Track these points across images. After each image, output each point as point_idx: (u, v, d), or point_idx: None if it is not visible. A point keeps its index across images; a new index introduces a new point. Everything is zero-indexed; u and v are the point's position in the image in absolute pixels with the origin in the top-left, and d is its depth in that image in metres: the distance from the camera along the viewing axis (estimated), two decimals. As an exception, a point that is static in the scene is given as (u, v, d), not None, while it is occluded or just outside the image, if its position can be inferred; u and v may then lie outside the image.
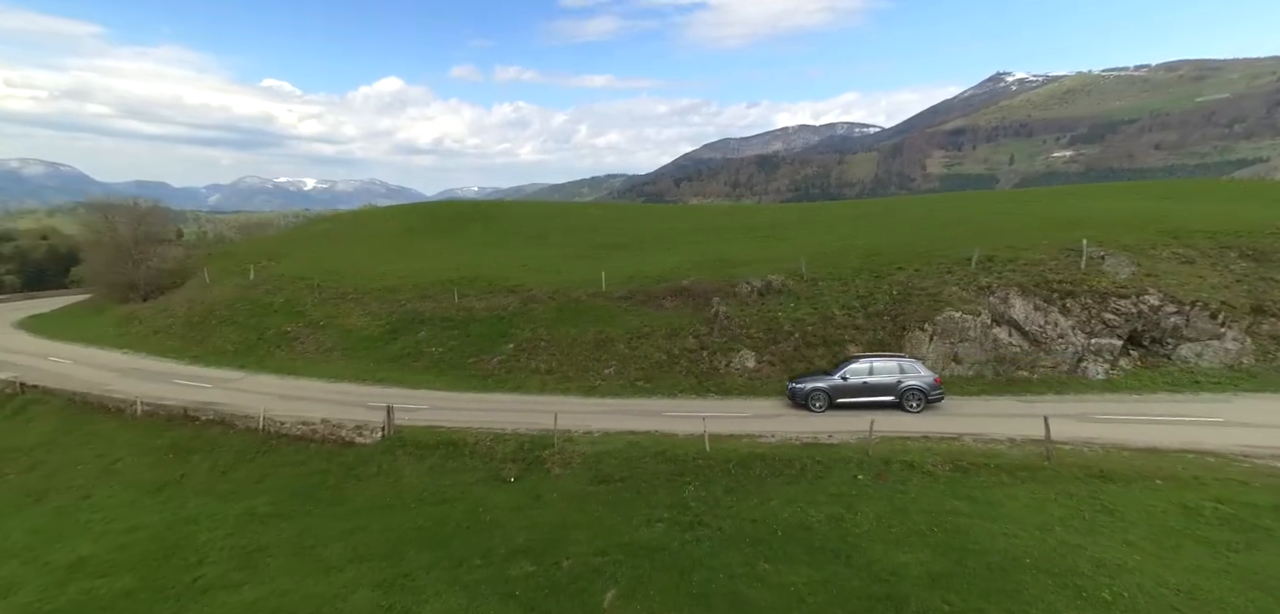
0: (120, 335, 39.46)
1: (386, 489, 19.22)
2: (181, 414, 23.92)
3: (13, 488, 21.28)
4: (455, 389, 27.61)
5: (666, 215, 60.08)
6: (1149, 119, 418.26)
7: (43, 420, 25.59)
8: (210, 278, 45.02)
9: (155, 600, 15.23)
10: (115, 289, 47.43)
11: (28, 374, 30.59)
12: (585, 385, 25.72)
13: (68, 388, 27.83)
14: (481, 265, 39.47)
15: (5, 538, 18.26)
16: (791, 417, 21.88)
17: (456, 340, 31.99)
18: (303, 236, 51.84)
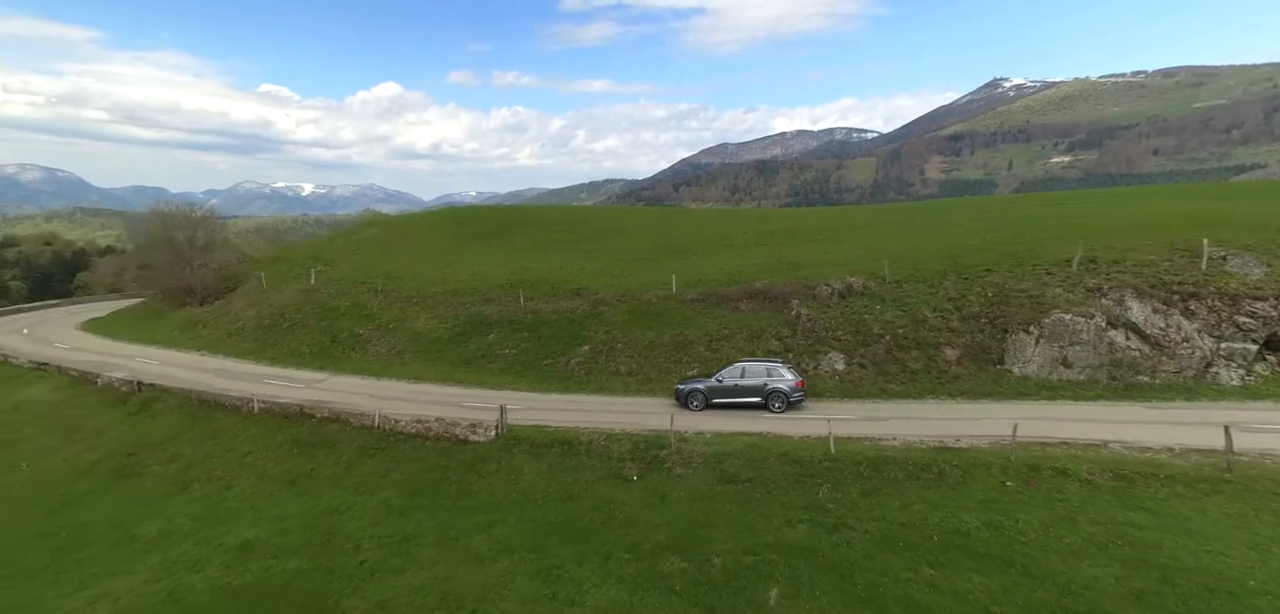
0: (190, 338, 40.63)
1: (510, 485, 20.39)
2: (298, 412, 25.19)
3: (158, 478, 22.79)
4: (537, 390, 28.82)
5: (715, 220, 61.18)
6: (1147, 125, 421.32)
7: (167, 416, 27.02)
8: (267, 282, 46.13)
9: (330, 580, 16.53)
10: (172, 294, 48.50)
11: (131, 375, 31.73)
12: (669, 387, 26.79)
13: (177, 386, 29.14)
14: (539, 269, 40.67)
15: (171, 521, 19.76)
16: (898, 420, 22.13)
17: (528, 342, 33.21)
18: (351, 241, 52.92)
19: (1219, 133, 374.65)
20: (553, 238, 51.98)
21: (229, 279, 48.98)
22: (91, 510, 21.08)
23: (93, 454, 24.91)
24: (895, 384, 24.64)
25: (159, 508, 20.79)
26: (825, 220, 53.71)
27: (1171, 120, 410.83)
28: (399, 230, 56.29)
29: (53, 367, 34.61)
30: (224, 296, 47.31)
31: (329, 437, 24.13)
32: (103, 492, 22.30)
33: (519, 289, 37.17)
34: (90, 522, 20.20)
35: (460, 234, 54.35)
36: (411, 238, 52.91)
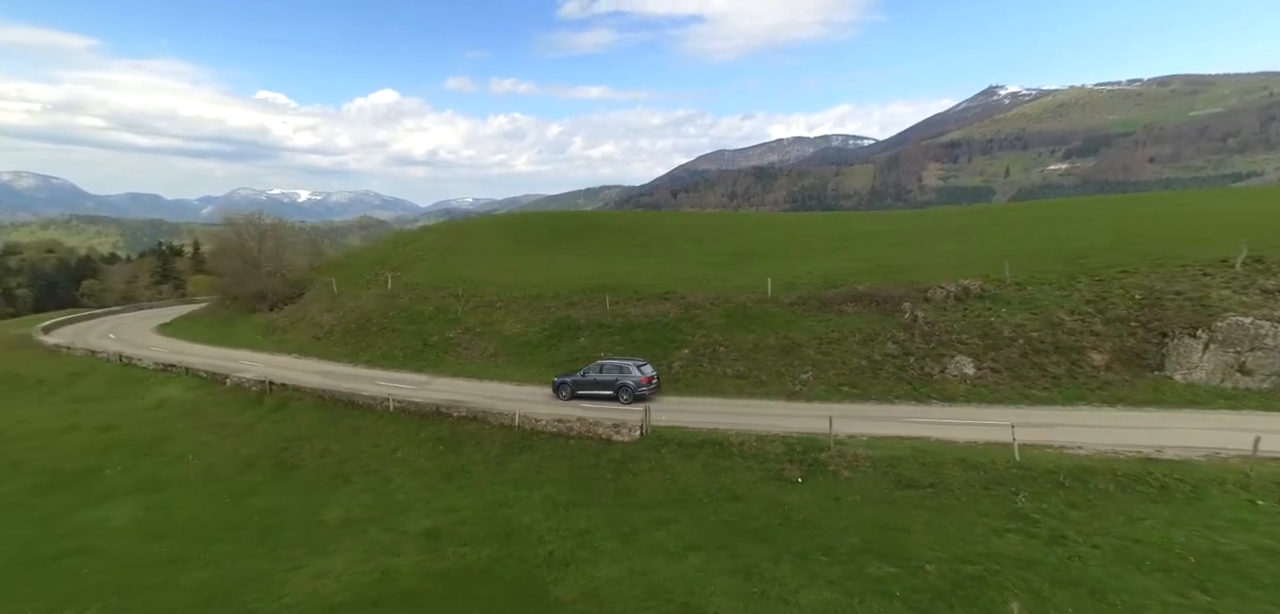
0: (275, 342, 41.25)
1: (667, 484, 20.94)
2: (434, 411, 25.80)
3: (317, 470, 23.78)
4: None
5: (779, 225, 61.74)
6: (1143, 132, 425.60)
7: (305, 414, 27.83)
8: (338, 287, 46.57)
9: (527, 568, 17.23)
10: (243, 299, 48.93)
11: (256, 377, 32.51)
12: (784, 390, 27.29)
13: (309, 387, 30.12)
14: (616, 274, 41.21)
15: (348, 510, 20.66)
16: (1062, 427, 21.34)
17: (622, 345, 33.76)
18: (414, 248, 53.34)
19: (1215, 141, 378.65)
20: (618, 242, 52.63)
21: (296, 285, 49.41)
22: (270, 497, 22.11)
23: (249, 448, 26.06)
24: (1037, 389, 24.11)
25: (329, 497, 21.69)
26: (897, 225, 54.17)
27: (1167, 128, 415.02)
28: (460, 236, 56.72)
29: (179, 368, 35.68)
30: (294, 302, 47.73)
31: (471, 435, 24.88)
32: (272, 481, 23.32)
33: (601, 293, 37.70)
34: (275, 507, 21.22)
35: (524, 239, 54.89)
36: (475, 244, 53.36)
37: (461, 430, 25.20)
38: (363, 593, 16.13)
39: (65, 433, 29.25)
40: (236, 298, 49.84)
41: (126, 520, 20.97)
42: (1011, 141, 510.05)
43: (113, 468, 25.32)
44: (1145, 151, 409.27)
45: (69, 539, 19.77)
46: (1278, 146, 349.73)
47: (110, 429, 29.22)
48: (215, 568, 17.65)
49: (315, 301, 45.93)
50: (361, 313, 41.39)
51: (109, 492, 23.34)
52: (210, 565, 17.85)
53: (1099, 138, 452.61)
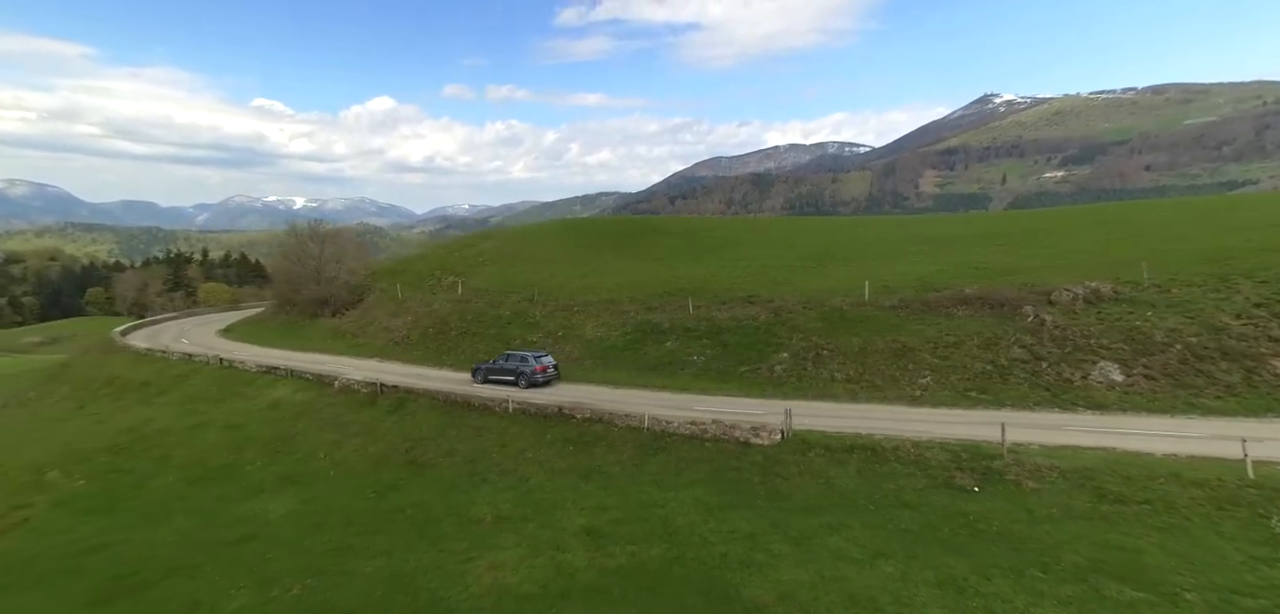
0: (350, 346, 41.44)
1: (823, 488, 20.43)
2: (557, 412, 25.53)
3: (451, 469, 23.85)
4: (750, 395, 29.01)
5: (846, 229, 60.89)
6: (1138, 140, 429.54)
7: (423, 415, 28.13)
8: (402, 293, 46.11)
9: (706, 569, 16.74)
10: (304, 305, 48.46)
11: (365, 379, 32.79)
12: (902, 395, 26.70)
13: (423, 388, 30.37)
14: (691, 278, 40.82)
15: (495, 507, 20.63)
16: None
17: (713, 349, 33.32)
18: (471, 254, 52.93)
19: (1210, 149, 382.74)
20: (681, 247, 52.32)
21: (357, 290, 48.95)
22: (411, 494, 22.14)
23: (376, 447, 26.16)
24: (1206, 399, 22.77)
25: (471, 495, 21.64)
26: (980, 228, 53.20)
27: (1163, 136, 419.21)
28: (519, 242, 56.29)
29: (282, 371, 35.91)
30: (355, 307, 47.28)
31: (598, 435, 24.72)
32: (409, 479, 23.39)
33: (677, 297, 37.33)
34: (421, 503, 21.28)
35: (583, 244, 54.63)
36: (534, 249, 52.94)
37: (588, 431, 24.98)
38: (547, 585, 16.10)
39: (197, 430, 29.88)
40: (295, 303, 49.39)
41: (284, 512, 21.42)
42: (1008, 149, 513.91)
43: (252, 464, 25.94)
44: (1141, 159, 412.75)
45: (237, 527, 20.45)
46: (1273, 154, 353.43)
47: (237, 428, 29.74)
48: (387, 559, 17.87)
49: (380, 307, 45.45)
50: (437, 317, 40.97)
51: (257, 486, 23.90)
52: (381, 555, 18.06)
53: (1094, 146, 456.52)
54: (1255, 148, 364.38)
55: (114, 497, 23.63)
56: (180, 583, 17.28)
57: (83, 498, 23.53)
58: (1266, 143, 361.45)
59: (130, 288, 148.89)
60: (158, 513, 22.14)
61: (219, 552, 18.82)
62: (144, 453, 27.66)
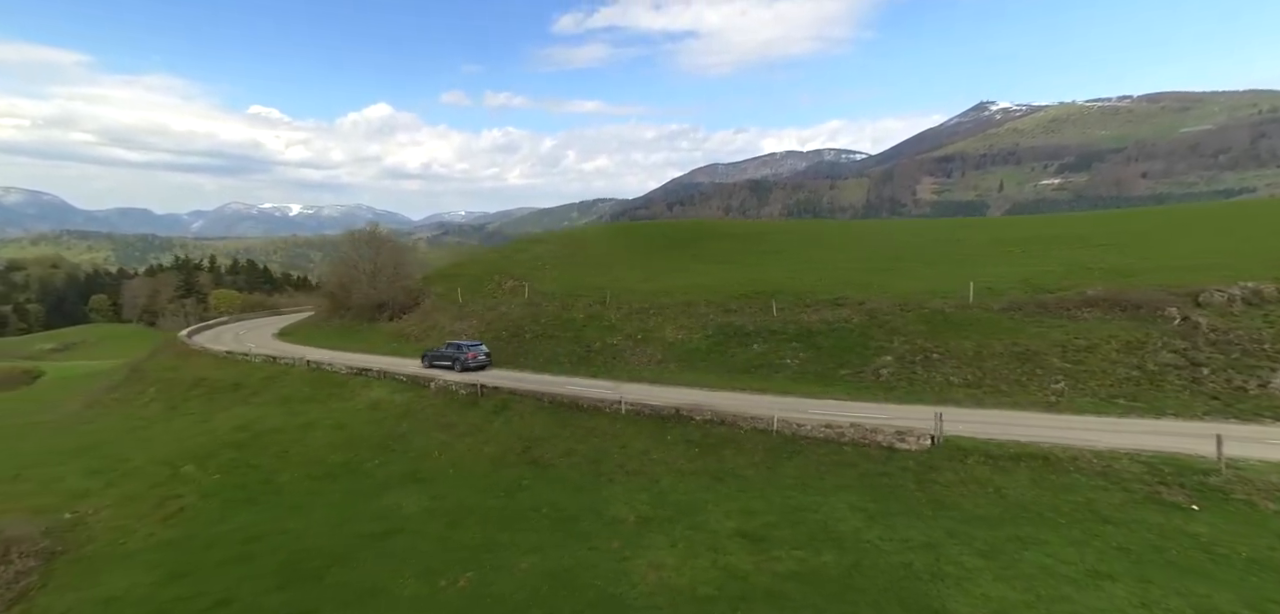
0: (416, 349, 41.18)
1: (993, 498, 19.41)
2: (674, 413, 25.07)
3: (573, 469, 23.84)
4: (858, 398, 28.12)
5: (918, 231, 60.22)
6: (1135, 148, 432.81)
7: (530, 416, 27.77)
8: (462, 297, 45.41)
9: (889, 580, 15.83)
10: (360, 309, 47.74)
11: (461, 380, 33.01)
12: (1035, 400, 25.43)
13: (518, 390, 30.12)
14: (766, 281, 40.23)
15: (633, 507, 20.38)
16: None
17: (806, 351, 32.58)
18: (526, 259, 52.15)
19: (1207, 157, 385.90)
20: (741, 250, 51.57)
21: (414, 294, 48.23)
22: (539, 493, 22.05)
23: (490, 447, 25.99)
24: None
25: (602, 494, 21.46)
26: (1061, 229, 51.92)
27: (1159, 145, 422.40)
28: (572, 245, 55.49)
29: (375, 372, 35.95)
30: (411, 311, 46.52)
31: (723, 437, 24.06)
32: (533, 478, 23.33)
33: (756, 299, 36.74)
34: (552, 502, 21.14)
35: (642, 248, 53.76)
36: (591, 254, 52.22)
37: (712, 434, 24.30)
38: (723, 588, 15.68)
39: (306, 430, 29.75)
40: (349, 307, 48.77)
41: (418, 509, 21.37)
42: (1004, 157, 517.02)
43: (369, 462, 25.80)
44: (1137, 167, 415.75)
45: (378, 522, 20.58)
46: (1269, 163, 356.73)
47: (343, 427, 29.51)
48: (538, 554, 17.86)
49: (440, 311, 44.69)
50: (510, 321, 40.20)
51: (382, 483, 23.82)
52: (531, 552, 18.04)
53: (1091, 153, 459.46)
54: (1251, 156, 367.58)
55: (251, 490, 24.08)
56: (347, 572, 17.70)
57: (224, 490, 24.06)
58: (1262, 151, 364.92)
59: (141, 294, 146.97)
60: (297, 507, 22.46)
61: (370, 544, 19.07)
62: (263, 450, 27.89)
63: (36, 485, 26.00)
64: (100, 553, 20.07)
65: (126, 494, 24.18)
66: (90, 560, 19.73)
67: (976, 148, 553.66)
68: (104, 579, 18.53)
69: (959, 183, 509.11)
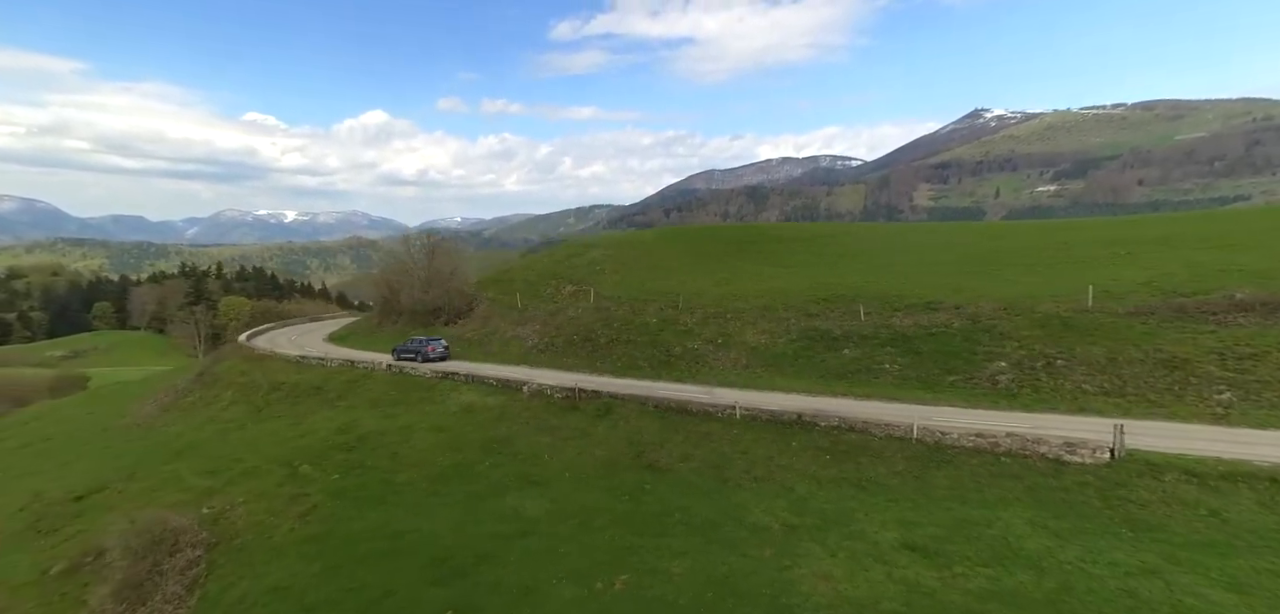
0: (482, 353, 40.47)
1: (1213, 523, 17.58)
2: (795, 419, 24.31)
3: (694, 474, 23.11)
4: (976, 406, 26.66)
5: (1001, 235, 58.61)
6: (1130, 155, 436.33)
7: (636, 420, 27.20)
8: (521, 302, 44.36)
9: (1114, 609, 14.61)
10: (416, 314, 46.59)
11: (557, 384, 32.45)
12: (1197, 412, 23.69)
13: (619, 394, 29.44)
14: (843, 284, 39.17)
15: (773, 514, 19.77)
16: None
17: (905, 356, 31.50)
18: (581, 262, 50.97)
19: (1202, 164, 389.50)
20: (809, 254, 50.40)
21: (469, 299, 47.12)
22: (665, 497, 21.57)
23: (600, 450, 25.54)
24: None
25: (733, 500, 20.88)
26: (1168, 230, 49.58)
27: (1154, 152, 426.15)
28: (626, 249, 54.26)
29: (461, 377, 35.07)
30: (465, 316, 45.40)
31: (855, 445, 23.00)
32: (653, 482, 22.85)
33: (839, 304, 35.87)
34: (682, 507, 20.69)
35: (703, 252, 52.54)
36: (650, 257, 51.05)
37: (841, 440, 23.31)
38: (911, 603, 14.93)
39: (406, 432, 29.27)
40: (399, 312, 47.98)
41: (542, 511, 21.12)
42: (1000, 163, 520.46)
43: (480, 465, 25.39)
44: (1133, 174, 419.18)
45: (506, 523, 20.49)
46: (1263, 170, 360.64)
47: (443, 430, 28.97)
48: (688, 559, 17.51)
49: (499, 317, 43.79)
50: (580, 326, 39.34)
51: (498, 485, 23.52)
52: (679, 556, 17.71)
53: (1087, 160, 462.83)
54: (1246, 163, 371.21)
55: (373, 490, 23.96)
56: (494, 571, 17.83)
57: (349, 490, 24.05)
58: (1257, 158, 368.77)
59: (149, 302, 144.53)
60: (422, 506, 22.38)
61: (507, 544, 19.16)
62: (372, 452, 27.62)
63: (156, 483, 27.06)
64: (250, 545, 20.88)
65: (254, 491, 24.66)
66: (244, 552, 20.53)
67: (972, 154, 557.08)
68: (264, 570, 19.37)
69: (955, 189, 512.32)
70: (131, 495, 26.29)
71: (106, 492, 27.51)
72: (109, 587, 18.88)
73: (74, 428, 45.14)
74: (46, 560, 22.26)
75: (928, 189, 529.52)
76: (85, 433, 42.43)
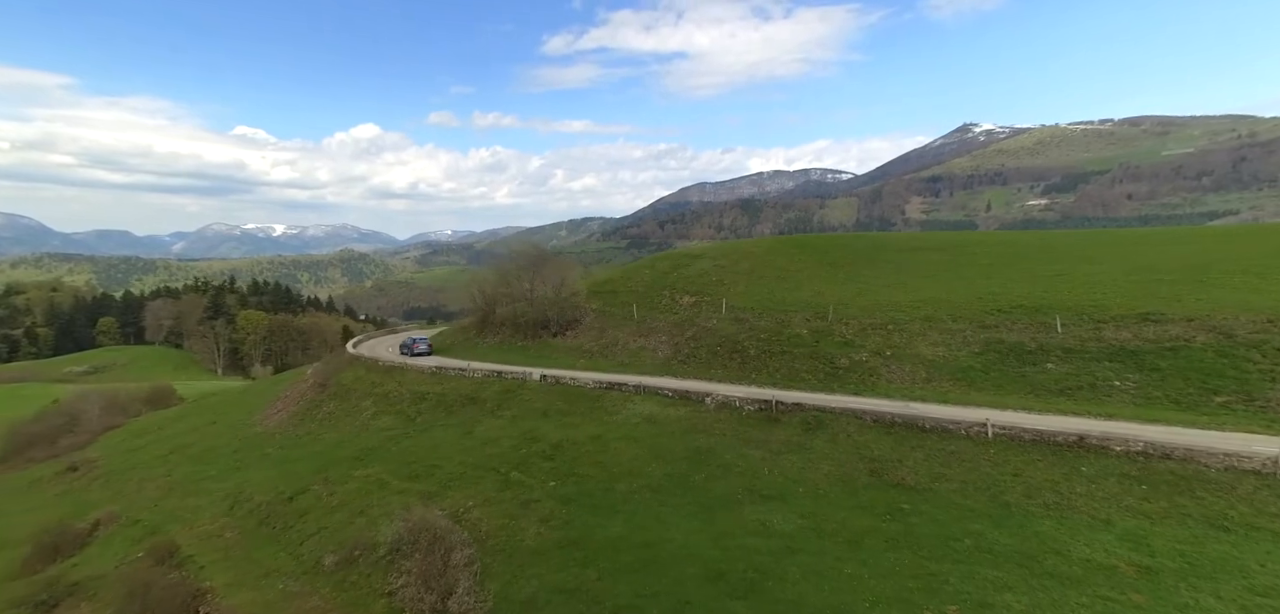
0: (613, 363, 38.90)
1: None
2: (1075, 441, 22.69)
3: (965, 496, 21.45)
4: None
5: (1171, 241, 56.89)
6: (1119, 170, 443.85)
7: (857, 436, 25.66)
8: (637, 314, 43.56)
9: None
10: (519, 326, 45.86)
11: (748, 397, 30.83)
12: None
13: (826, 408, 28.19)
14: (1009, 295, 36.87)
15: (1108, 550, 18.04)
16: None
17: (1135, 373, 28.97)
18: (692, 271, 49.51)
19: (1190, 179, 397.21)
20: (948, 264, 48.92)
21: (577, 310, 46.46)
22: (939, 522, 20.08)
23: (826, 465, 23.98)
24: None
25: (1037, 530, 19.18)
26: None
27: (1143, 167, 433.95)
28: (736, 258, 52.80)
29: (630, 387, 33.23)
30: (573, 327, 44.74)
31: (1182, 476, 20.88)
32: (912, 502, 21.38)
33: (1018, 316, 33.50)
34: (972, 532, 19.25)
35: (824, 261, 51.35)
36: (765, 266, 49.52)
37: (1153, 469, 21.21)
38: None
39: (599, 443, 28.34)
40: (501, 324, 47.45)
41: (793, 527, 20.31)
42: (991, 177, 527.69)
43: (695, 477, 24.33)
44: (1122, 188, 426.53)
45: (759, 538, 19.83)
46: (1250, 186, 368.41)
47: (636, 441, 28.05)
48: (1022, 595, 16.20)
49: (617, 327, 42.53)
50: (721, 337, 37.87)
51: (727, 498, 22.63)
52: (1005, 590, 16.42)
53: (1076, 175, 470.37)
54: (1233, 178, 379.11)
55: (598, 499, 23.53)
56: (783, 588, 17.35)
57: (574, 497, 23.72)
58: (1243, 174, 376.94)
59: (165, 316, 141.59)
60: (658, 517, 21.88)
61: (776, 561, 18.56)
62: (575, 459, 26.99)
63: (360, 486, 27.54)
64: (505, 547, 21.14)
65: (478, 496, 24.64)
66: (503, 553, 20.78)
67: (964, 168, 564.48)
68: (533, 571, 19.64)
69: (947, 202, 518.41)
70: (341, 496, 27.03)
71: (309, 494, 28.29)
72: (409, 578, 19.75)
73: (210, 435, 45.72)
74: (307, 553, 23.83)
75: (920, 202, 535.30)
76: (226, 440, 42.59)
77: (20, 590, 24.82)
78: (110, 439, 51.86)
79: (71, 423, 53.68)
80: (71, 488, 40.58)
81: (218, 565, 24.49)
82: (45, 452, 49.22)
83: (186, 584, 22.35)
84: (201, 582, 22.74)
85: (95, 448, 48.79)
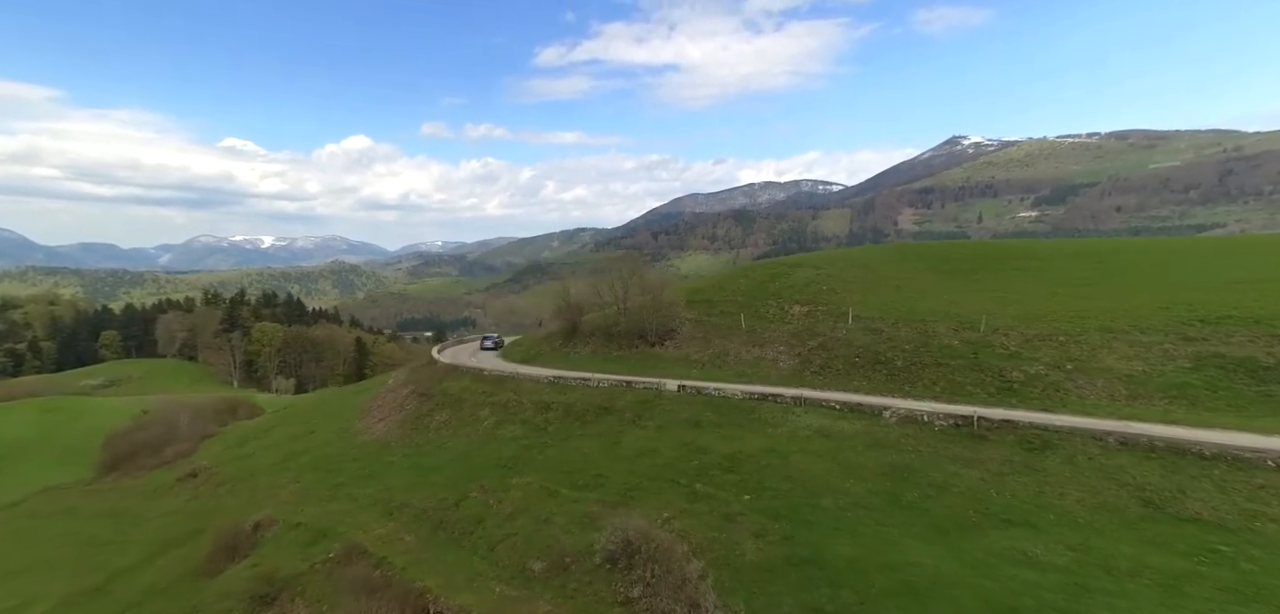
0: (729, 374, 36.65)
1: None
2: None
3: None
4: None
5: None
6: (1108, 183, 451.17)
7: (1104, 458, 23.04)
8: (745, 324, 42.50)
9: None
10: (613, 336, 44.78)
11: None
12: None
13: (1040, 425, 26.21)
14: (1210, 303, 33.67)
15: None
16: None
17: None
18: (793, 280, 47.88)
19: (1178, 193, 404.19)
20: (1096, 269, 46.52)
21: (674, 321, 45.39)
22: (1263, 569, 17.73)
23: (1074, 489, 22.08)
24: None
25: None
26: None
27: (1131, 179, 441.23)
28: (845, 266, 50.67)
29: (787, 399, 31.62)
30: (670, 338, 43.58)
31: None
32: (1228, 543, 18.95)
33: (1222, 325, 31.91)
34: None
35: (942, 270, 48.82)
36: (883, 275, 47.37)
37: None
38: None
39: (773, 455, 27.00)
40: (591, 333, 46.38)
41: (1066, 560, 18.27)
42: (982, 189, 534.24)
43: (907, 495, 22.82)
44: (1111, 201, 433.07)
45: (1014, 570, 18.14)
46: (1237, 199, 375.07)
47: (817, 455, 26.67)
48: None
49: (725, 337, 40.38)
50: (856, 347, 35.84)
51: (960, 520, 20.98)
52: None
53: (1066, 187, 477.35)
54: (1220, 192, 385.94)
55: (805, 514, 22.32)
56: None
57: (783, 513, 22.60)
58: (1231, 187, 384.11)
59: (178, 329, 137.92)
60: (887, 539, 20.32)
61: (1074, 599, 16.68)
62: (760, 474, 25.62)
63: (526, 495, 26.95)
64: (726, 561, 20.48)
65: (673, 508, 23.83)
66: (731, 568, 20.17)
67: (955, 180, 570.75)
68: (770, 589, 18.97)
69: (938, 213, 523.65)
70: (512, 504, 26.64)
71: (471, 501, 27.88)
72: (646, 588, 19.44)
73: (314, 444, 44.93)
74: (503, 558, 23.28)
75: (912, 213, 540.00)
76: (336, 448, 41.70)
77: (235, 584, 25.01)
78: (210, 448, 50.67)
79: (170, 432, 53.59)
80: (198, 493, 40.55)
81: (415, 567, 23.74)
82: (153, 459, 48.69)
83: (408, 584, 21.91)
84: (411, 581, 22.28)
85: (202, 455, 48.15)
